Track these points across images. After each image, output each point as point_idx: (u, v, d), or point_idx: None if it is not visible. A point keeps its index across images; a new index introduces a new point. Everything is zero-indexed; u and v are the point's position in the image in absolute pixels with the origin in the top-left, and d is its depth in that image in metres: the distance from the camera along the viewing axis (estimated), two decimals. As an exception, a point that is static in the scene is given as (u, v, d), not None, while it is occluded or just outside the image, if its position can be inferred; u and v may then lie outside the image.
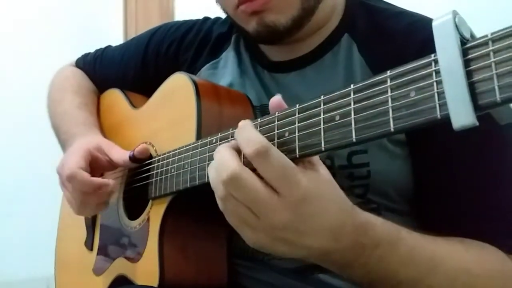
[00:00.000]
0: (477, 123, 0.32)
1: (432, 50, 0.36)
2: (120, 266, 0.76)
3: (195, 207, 0.69)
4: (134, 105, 0.86)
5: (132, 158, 0.73)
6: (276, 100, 0.50)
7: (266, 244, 0.48)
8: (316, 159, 0.47)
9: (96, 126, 0.88)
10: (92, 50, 1.02)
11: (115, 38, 2.18)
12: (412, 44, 0.62)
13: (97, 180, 0.72)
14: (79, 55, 1.04)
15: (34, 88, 1.35)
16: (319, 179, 0.46)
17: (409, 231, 0.53)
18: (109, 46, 1.01)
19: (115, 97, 0.92)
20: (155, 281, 0.65)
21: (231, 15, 0.70)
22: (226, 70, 0.79)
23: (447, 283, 0.53)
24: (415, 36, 0.62)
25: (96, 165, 0.75)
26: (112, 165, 0.76)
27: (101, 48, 1.01)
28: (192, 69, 0.82)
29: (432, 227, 0.57)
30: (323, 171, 0.47)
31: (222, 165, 0.47)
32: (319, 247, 0.47)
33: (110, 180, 0.73)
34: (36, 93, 1.15)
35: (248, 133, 0.46)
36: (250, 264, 0.72)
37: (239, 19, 0.69)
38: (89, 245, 0.87)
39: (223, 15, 0.85)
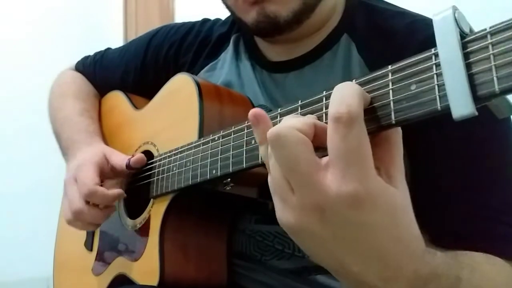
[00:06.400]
0: (476, 113, 0.32)
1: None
2: (119, 265, 0.76)
3: (196, 206, 0.69)
4: (136, 106, 0.87)
5: (128, 166, 0.73)
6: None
7: (293, 227, 0.39)
8: (400, 175, 0.39)
9: (98, 134, 0.88)
10: (92, 50, 1.02)
11: (115, 38, 2.18)
12: (412, 45, 0.61)
13: (115, 191, 0.73)
14: (79, 55, 1.04)
15: (34, 89, 1.35)
16: (397, 194, 0.37)
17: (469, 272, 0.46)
18: (108, 49, 1.00)
19: (117, 98, 0.93)
20: (155, 280, 0.66)
21: (231, 6, 0.69)
22: (223, 71, 0.79)
23: None
24: (415, 37, 0.62)
25: (102, 173, 0.75)
26: (113, 172, 0.76)
27: (100, 51, 1.01)
28: (191, 72, 0.82)
29: (429, 229, 0.54)
30: (403, 193, 0.38)
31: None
32: (357, 272, 0.39)
33: (120, 190, 0.74)
34: (37, 95, 1.16)
35: (346, 91, 0.37)
36: (249, 265, 0.72)
37: (239, 9, 0.67)
38: (88, 245, 0.87)
39: (223, 16, 0.86)
